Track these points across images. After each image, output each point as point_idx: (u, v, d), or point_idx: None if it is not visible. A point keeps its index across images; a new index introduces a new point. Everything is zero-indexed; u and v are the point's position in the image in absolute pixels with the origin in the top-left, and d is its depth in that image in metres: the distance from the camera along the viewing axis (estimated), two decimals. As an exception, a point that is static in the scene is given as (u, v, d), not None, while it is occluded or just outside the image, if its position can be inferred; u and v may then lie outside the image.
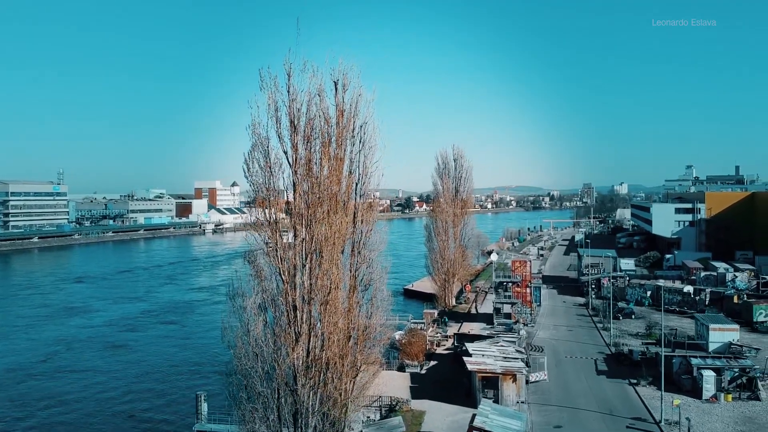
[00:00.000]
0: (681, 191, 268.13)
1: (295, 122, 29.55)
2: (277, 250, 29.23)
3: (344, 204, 31.61)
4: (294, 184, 30.01)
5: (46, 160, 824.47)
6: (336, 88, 33.70)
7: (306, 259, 29.59)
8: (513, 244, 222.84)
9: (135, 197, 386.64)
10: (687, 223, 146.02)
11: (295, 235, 29.75)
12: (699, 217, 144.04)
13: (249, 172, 29.80)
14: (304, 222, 29.73)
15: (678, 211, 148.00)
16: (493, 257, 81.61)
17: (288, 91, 29.51)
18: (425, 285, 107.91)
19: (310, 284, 29.36)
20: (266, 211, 30.02)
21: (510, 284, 76.45)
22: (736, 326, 55.89)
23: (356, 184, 33.98)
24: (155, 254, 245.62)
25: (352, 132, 33.65)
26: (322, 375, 29.85)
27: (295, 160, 29.71)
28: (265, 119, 29.18)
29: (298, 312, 29.28)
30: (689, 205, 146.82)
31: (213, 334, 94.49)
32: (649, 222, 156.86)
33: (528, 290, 75.99)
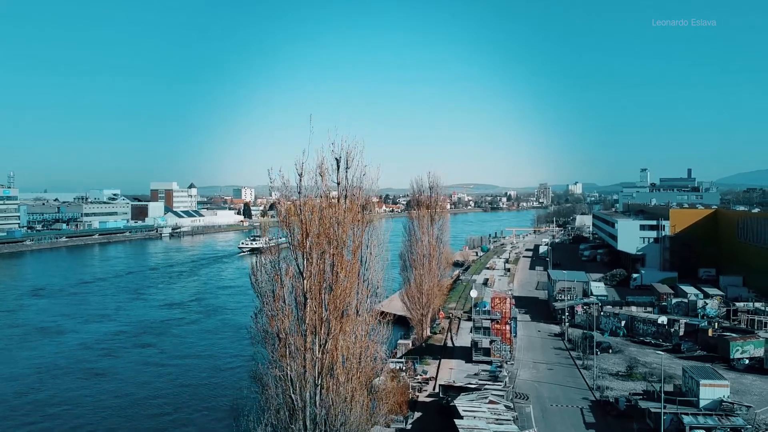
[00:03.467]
0: (640, 201, 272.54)
1: (307, 228, 27.47)
2: (288, 374, 26.92)
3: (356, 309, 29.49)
4: (305, 296, 27.73)
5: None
6: (338, 166, 31.75)
7: (318, 378, 27.44)
8: (477, 253, 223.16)
9: (89, 199, 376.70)
10: (651, 240, 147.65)
11: (304, 351, 27.40)
12: (663, 234, 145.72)
13: (255, 281, 27.55)
14: (318, 340, 27.52)
15: (643, 227, 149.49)
16: (473, 293, 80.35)
17: (299, 193, 27.46)
18: (397, 305, 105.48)
19: (324, 411, 27.16)
20: (276, 324, 27.54)
21: (490, 321, 75.17)
22: (727, 382, 55.45)
23: (361, 270, 31.99)
24: (113, 262, 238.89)
25: (357, 214, 31.73)
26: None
27: (308, 269, 27.58)
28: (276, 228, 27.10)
29: (309, 435, 27.13)
30: (654, 222, 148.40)
31: (190, 362, 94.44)
32: (614, 237, 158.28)
33: (507, 327, 74.90)
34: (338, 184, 31.72)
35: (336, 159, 31.97)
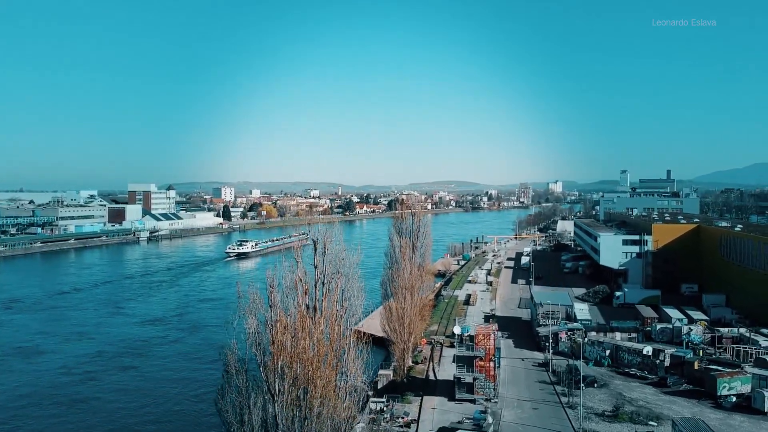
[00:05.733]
0: (621, 206, 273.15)
1: (279, 349, 25.03)
2: None
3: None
4: (276, 425, 25.22)
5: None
6: (315, 248, 29.47)
7: None
8: (458, 262, 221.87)
9: (65, 202, 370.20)
10: (634, 255, 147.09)
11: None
12: (646, 249, 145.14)
13: (222, 402, 25.09)
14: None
15: (625, 242, 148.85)
16: (456, 330, 78.19)
17: (270, 307, 25.08)
18: (376, 324, 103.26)
19: None
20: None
21: (474, 358, 73.16)
22: (719, 439, 53.95)
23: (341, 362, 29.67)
24: (90, 270, 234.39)
25: (335, 303, 29.44)
26: None
27: (279, 397, 25.12)
28: (243, 347, 24.67)
29: None
30: (636, 237, 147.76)
31: (173, 389, 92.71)
32: (596, 251, 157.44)
33: (491, 364, 72.99)
34: (315, 267, 29.44)
35: (313, 240, 29.73)
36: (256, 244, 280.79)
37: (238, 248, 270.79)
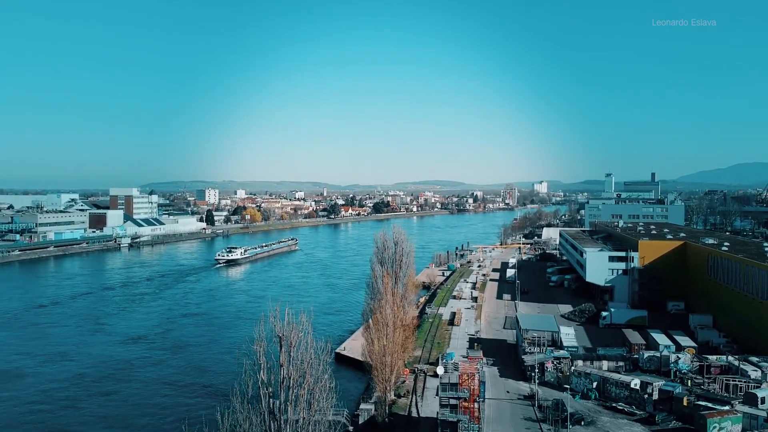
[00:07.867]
0: (606, 214, 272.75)
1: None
2: None
3: None
4: None
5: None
6: (281, 345, 26.97)
7: None
8: (443, 273, 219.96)
9: (44, 208, 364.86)
10: (620, 272, 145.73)
11: None
12: (632, 266, 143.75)
13: None
14: None
15: (612, 259, 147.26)
16: (439, 370, 75.87)
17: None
18: (358, 348, 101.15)
19: None
20: None
21: (459, 400, 70.85)
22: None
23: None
24: (70, 280, 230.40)
25: (302, 410, 26.90)
26: None
27: None
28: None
29: None
30: (623, 254, 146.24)
31: (156, 417, 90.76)
32: (582, 266, 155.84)
33: (476, 405, 70.69)
34: (281, 366, 26.96)
35: (279, 336, 27.24)
36: (245, 251, 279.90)
37: (227, 255, 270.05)
